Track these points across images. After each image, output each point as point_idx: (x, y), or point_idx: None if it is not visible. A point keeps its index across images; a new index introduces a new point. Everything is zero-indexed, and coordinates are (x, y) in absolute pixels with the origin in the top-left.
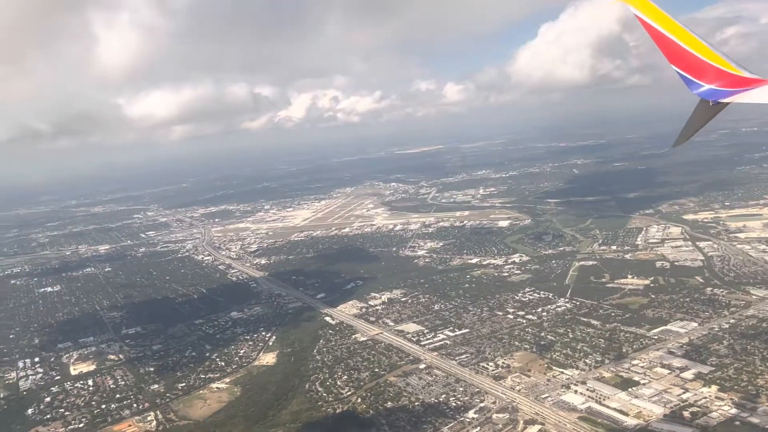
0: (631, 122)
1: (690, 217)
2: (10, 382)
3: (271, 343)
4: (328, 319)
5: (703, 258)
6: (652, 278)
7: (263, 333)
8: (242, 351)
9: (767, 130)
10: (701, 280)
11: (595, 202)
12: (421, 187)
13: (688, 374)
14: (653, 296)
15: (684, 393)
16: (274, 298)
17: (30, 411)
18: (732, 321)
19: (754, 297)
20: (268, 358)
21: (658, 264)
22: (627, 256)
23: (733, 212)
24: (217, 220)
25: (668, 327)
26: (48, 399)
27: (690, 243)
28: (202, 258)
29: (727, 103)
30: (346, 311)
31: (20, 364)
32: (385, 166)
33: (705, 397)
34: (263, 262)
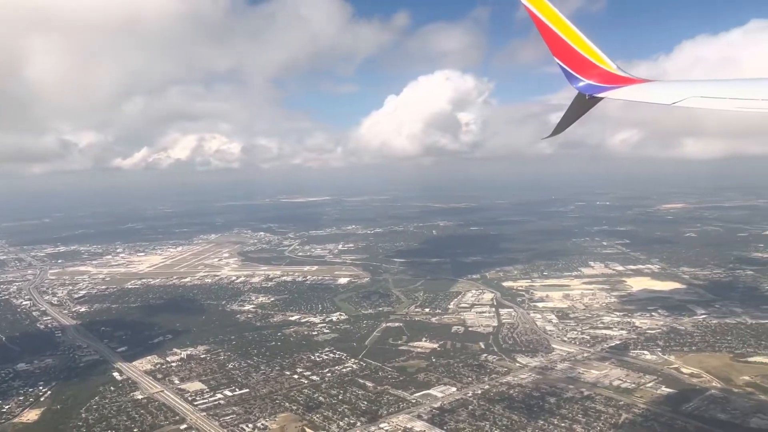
0: (517, 189)
1: (508, 284)
2: None
3: (43, 399)
4: (116, 374)
5: (496, 324)
6: (442, 342)
7: (41, 387)
8: (7, 407)
9: (618, 204)
10: (483, 346)
11: (435, 264)
12: (287, 238)
13: None
14: (434, 360)
15: None
16: (73, 350)
17: None
18: (486, 387)
19: (517, 365)
20: (32, 415)
21: (454, 329)
22: (433, 320)
23: (546, 282)
24: (60, 261)
25: (430, 391)
26: None
27: (494, 309)
28: (21, 302)
29: (601, 98)
30: (140, 367)
31: None
32: (264, 214)
33: None
34: (83, 310)
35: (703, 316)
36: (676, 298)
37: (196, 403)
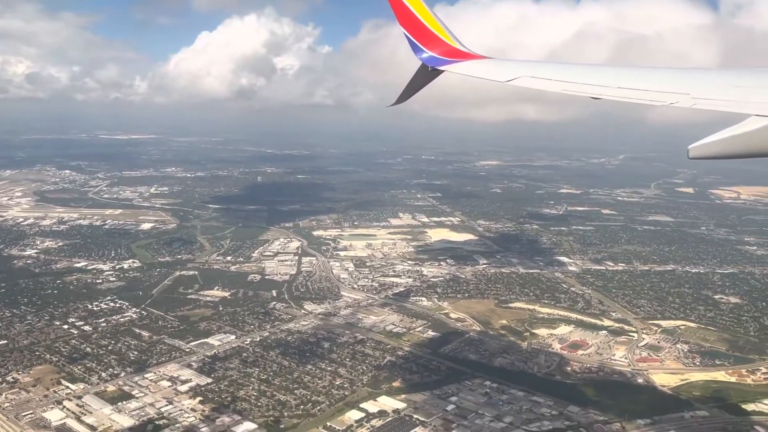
0: (351, 139)
1: (319, 233)
2: None
3: None
4: None
5: (294, 273)
6: (234, 291)
7: None
8: None
9: (442, 159)
10: (275, 294)
11: (251, 212)
12: (95, 178)
13: (185, 387)
14: (221, 309)
15: (166, 405)
16: None
17: None
18: (266, 334)
19: (303, 312)
20: None
21: (251, 277)
22: (232, 268)
23: (355, 231)
24: None
25: (208, 340)
26: None
27: (297, 258)
28: None
29: (442, 71)
30: None
31: None
32: (76, 150)
33: (181, 410)
34: None
35: (484, 265)
36: (466, 249)
37: None
